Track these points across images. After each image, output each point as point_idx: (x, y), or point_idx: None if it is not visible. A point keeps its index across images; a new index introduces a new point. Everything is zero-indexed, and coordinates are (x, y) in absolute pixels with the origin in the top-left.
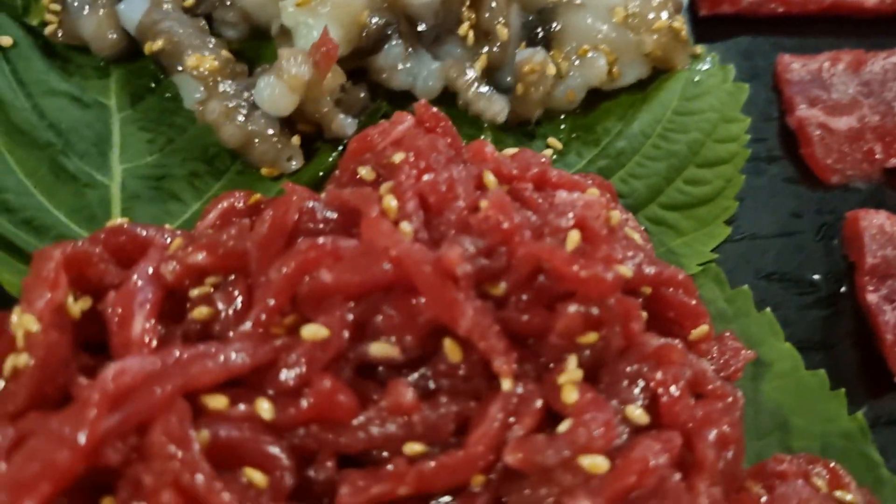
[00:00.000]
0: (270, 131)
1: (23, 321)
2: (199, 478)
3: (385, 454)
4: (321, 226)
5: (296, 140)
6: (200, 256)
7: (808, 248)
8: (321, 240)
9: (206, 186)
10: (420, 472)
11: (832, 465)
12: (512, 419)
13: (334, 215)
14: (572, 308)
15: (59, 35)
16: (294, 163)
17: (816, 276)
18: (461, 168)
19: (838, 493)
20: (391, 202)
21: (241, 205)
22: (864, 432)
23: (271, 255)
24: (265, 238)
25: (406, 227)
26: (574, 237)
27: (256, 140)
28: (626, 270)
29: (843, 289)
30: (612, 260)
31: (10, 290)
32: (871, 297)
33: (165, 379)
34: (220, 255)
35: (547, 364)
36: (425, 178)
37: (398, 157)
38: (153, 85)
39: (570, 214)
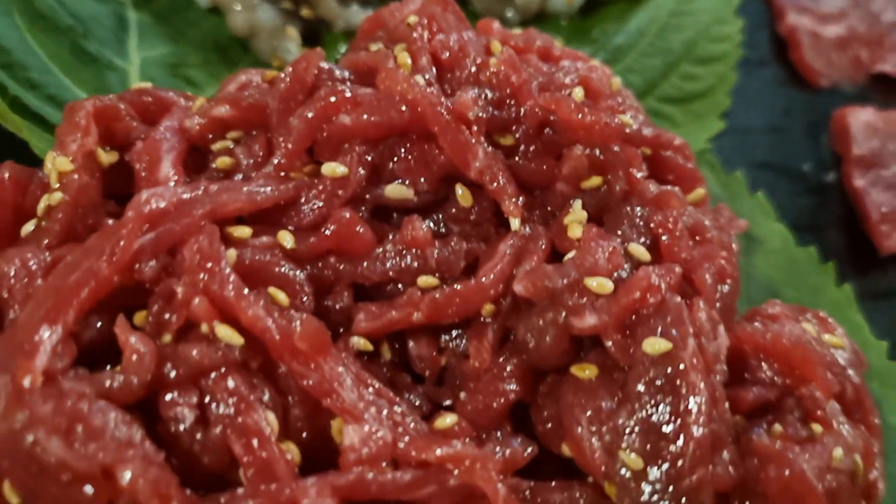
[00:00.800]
0: (271, 23)
1: (57, 163)
2: (229, 287)
3: (400, 287)
4: (338, 85)
5: (293, 33)
6: (224, 109)
7: (797, 143)
8: (340, 86)
9: (221, 74)
10: (433, 300)
11: (821, 313)
12: (520, 258)
13: (351, 76)
14: (578, 149)
15: None
16: (292, 56)
17: (806, 167)
18: (472, 33)
19: (827, 337)
20: (405, 59)
21: (257, 79)
22: (851, 302)
23: (292, 108)
24: (286, 91)
25: (420, 80)
26: (578, 93)
27: (259, 33)
28: (629, 120)
29: (830, 178)
30: (616, 110)
31: (39, 155)
32: (859, 182)
33: (196, 205)
34: (243, 108)
35: (553, 212)
36: (438, 37)
37: (412, 20)
38: None
39: (575, 74)
